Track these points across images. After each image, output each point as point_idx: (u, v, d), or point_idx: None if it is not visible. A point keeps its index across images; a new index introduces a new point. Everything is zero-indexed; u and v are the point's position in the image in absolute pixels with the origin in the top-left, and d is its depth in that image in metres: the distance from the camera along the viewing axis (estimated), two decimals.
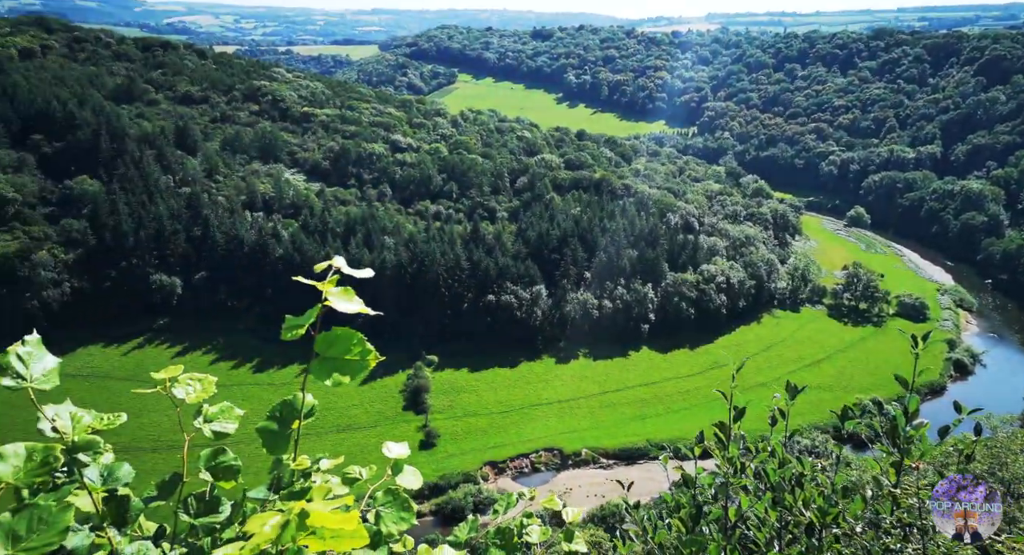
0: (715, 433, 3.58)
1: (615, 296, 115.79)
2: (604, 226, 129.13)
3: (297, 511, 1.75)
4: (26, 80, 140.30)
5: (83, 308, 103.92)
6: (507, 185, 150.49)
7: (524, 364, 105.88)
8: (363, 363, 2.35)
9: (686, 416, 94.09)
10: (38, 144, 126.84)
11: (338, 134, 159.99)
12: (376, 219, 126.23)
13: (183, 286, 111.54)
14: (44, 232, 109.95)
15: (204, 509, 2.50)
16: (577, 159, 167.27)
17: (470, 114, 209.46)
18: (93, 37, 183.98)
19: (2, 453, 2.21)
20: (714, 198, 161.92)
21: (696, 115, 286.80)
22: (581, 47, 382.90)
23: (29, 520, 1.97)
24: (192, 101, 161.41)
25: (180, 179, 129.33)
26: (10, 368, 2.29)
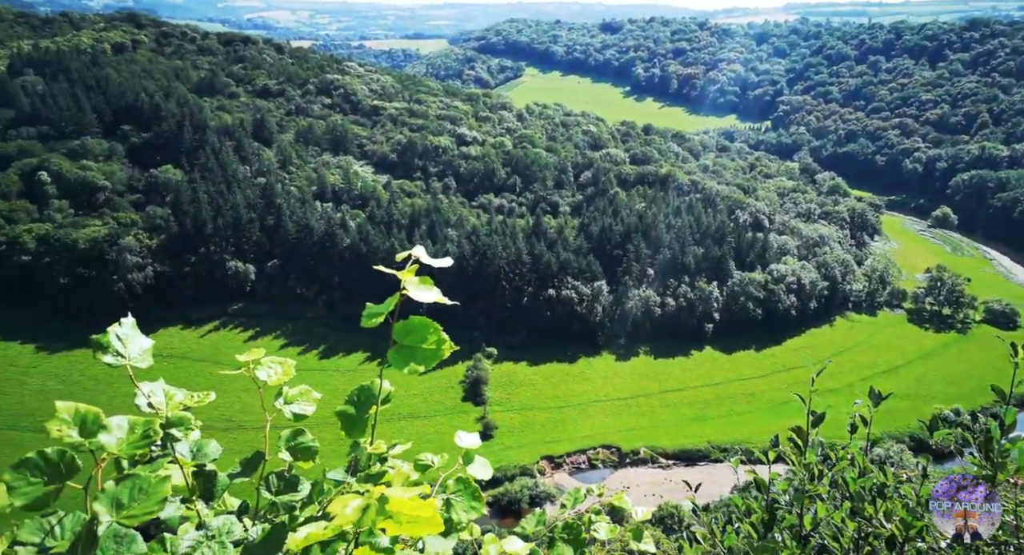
0: (791, 438, 3.45)
1: (678, 294, 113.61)
2: (669, 222, 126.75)
3: (377, 496, 1.81)
4: (117, 73, 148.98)
5: (164, 291, 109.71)
6: (571, 179, 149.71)
7: (583, 360, 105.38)
8: (438, 352, 2.38)
9: (749, 419, 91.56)
10: (127, 134, 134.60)
11: (406, 127, 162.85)
12: (440, 211, 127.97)
13: (256, 273, 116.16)
14: (131, 218, 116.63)
15: (284, 487, 2.59)
16: (643, 154, 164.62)
17: (536, 108, 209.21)
18: (179, 32, 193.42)
19: (107, 425, 2.29)
20: (786, 195, 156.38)
21: (770, 109, 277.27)
22: (651, 40, 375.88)
23: (131, 489, 2.10)
24: (269, 94, 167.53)
25: (256, 169, 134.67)
26: (110, 347, 2.41)
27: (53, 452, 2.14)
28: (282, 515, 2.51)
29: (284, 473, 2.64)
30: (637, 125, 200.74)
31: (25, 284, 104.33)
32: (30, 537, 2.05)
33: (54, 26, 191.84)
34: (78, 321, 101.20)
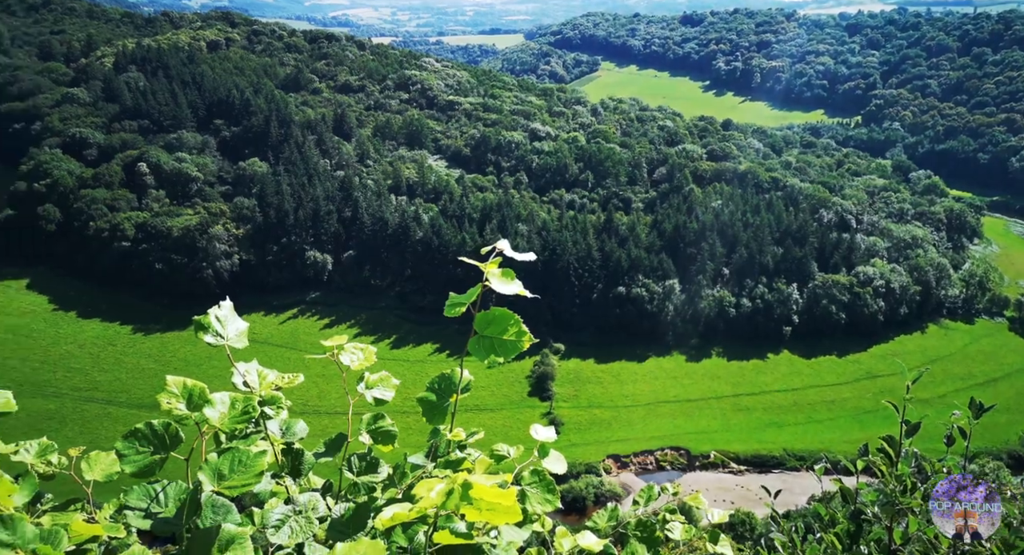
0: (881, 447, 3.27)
1: (755, 295, 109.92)
2: (747, 220, 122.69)
3: (461, 481, 1.85)
4: (211, 70, 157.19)
5: (248, 278, 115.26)
6: (644, 175, 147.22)
7: (652, 359, 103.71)
8: (518, 344, 2.40)
9: (830, 427, 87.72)
10: (219, 128, 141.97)
11: (480, 122, 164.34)
12: (511, 206, 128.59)
13: (333, 263, 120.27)
14: (220, 208, 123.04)
15: (365, 469, 2.68)
16: (721, 150, 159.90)
17: (611, 102, 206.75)
18: (269, 30, 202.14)
19: (211, 400, 2.43)
20: (877, 194, 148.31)
21: (861, 104, 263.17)
22: (734, 32, 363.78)
23: (231, 461, 2.26)
24: (350, 90, 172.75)
25: (336, 163, 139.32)
26: (211, 327, 2.56)
27: (159, 424, 2.30)
28: (362, 495, 2.60)
29: (365, 455, 2.74)
30: (716, 120, 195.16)
31: (124, 269, 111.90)
32: (138, 502, 2.23)
33: (156, 25, 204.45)
34: (171, 305, 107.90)
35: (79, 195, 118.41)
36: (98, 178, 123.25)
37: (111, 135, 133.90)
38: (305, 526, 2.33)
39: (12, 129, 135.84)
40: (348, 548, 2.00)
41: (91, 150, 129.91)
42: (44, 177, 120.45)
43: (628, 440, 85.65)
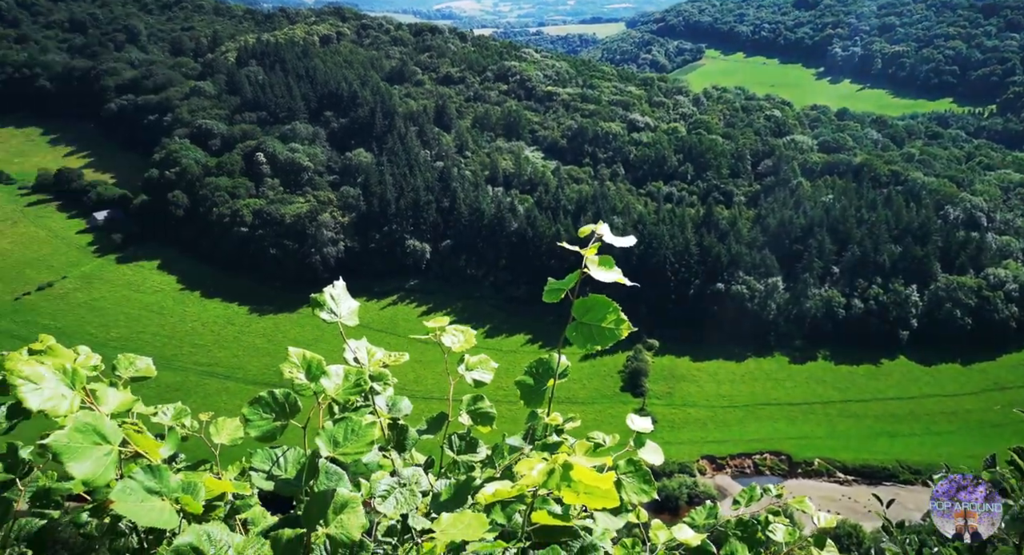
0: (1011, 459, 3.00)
1: (868, 296, 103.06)
2: (861, 216, 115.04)
3: (562, 462, 1.89)
4: (323, 63, 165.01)
5: (352, 265, 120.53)
6: (748, 168, 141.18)
7: (752, 359, 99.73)
8: (616, 332, 2.39)
9: (950, 440, 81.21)
10: (328, 120, 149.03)
11: (577, 113, 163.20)
12: (607, 198, 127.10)
13: (431, 252, 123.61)
14: (328, 197, 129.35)
15: (465, 448, 2.77)
16: (834, 141, 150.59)
17: (714, 92, 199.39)
18: (376, 24, 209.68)
19: (327, 371, 2.58)
20: (1012, 190, 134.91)
21: (996, 91, 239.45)
22: (853, 15, 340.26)
23: (345, 430, 2.38)
24: (451, 81, 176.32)
25: (436, 154, 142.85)
26: (326, 305, 2.72)
27: (280, 393, 2.45)
28: (461, 473, 2.70)
29: (464, 435, 2.83)
30: (830, 109, 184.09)
31: (243, 252, 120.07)
32: (261, 465, 2.39)
33: (274, 21, 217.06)
34: (283, 288, 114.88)
35: (204, 182, 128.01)
36: (221, 167, 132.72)
37: (233, 126, 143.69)
38: (409, 498, 2.44)
39: (147, 120, 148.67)
40: (453, 519, 2.10)
41: (215, 140, 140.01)
42: (174, 165, 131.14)
43: (724, 442, 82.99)
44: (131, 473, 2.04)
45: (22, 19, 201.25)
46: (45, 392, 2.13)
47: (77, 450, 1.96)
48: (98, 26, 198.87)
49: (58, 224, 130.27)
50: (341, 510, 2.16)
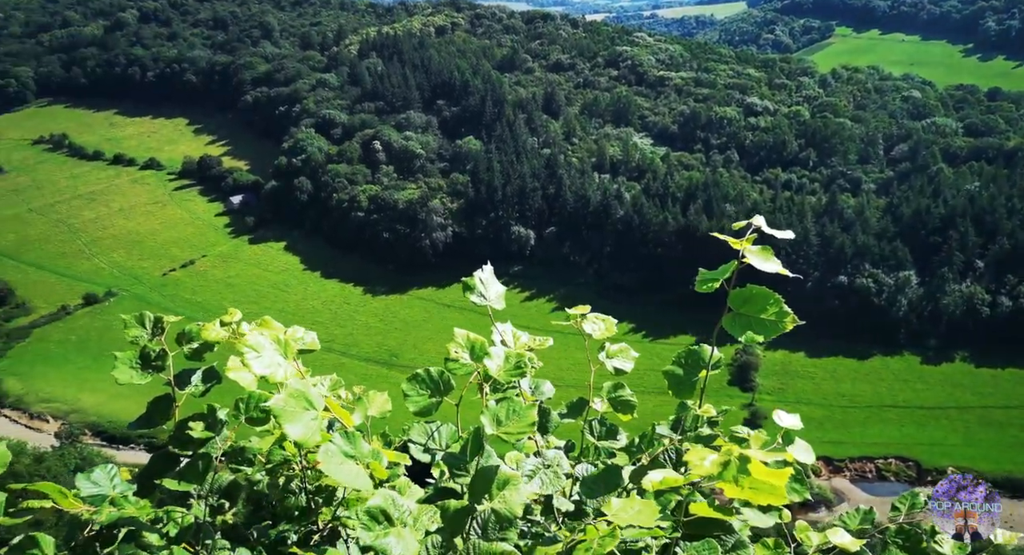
0: None
1: (1018, 293, 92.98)
2: (1012, 206, 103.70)
3: (738, 455, 1.87)
4: (437, 54, 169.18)
5: (459, 250, 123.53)
6: (879, 153, 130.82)
7: (877, 358, 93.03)
8: (779, 324, 2.32)
9: None
10: (440, 108, 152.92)
11: (690, 97, 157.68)
12: (719, 185, 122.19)
13: (535, 238, 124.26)
14: (438, 183, 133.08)
15: (605, 434, 2.80)
16: (983, 123, 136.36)
17: (843, 72, 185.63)
18: (489, 13, 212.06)
19: (491, 353, 2.69)
20: None
21: None
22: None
23: (507, 410, 2.46)
24: (561, 68, 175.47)
25: (543, 141, 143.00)
26: (475, 288, 2.83)
27: (435, 371, 2.59)
28: (601, 458, 2.73)
29: (604, 421, 2.85)
30: (979, 89, 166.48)
31: (359, 236, 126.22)
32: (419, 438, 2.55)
33: (394, 14, 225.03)
34: (394, 270, 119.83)
35: (326, 169, 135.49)
36: (341, 154, 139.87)
37: (353, 116, 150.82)
38: (554, 479, 2.50)
39: (278, 111, 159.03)
40: (624, 504, 2.11)
41: (337, 129, 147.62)
42: (300, 153, 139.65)
43: (843, 443, 78.23)
44: (333, 437, 2.23)
45: (173, 18, 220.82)
46: (265, 359, 2.37)
47: (292, 414, 2.16)
48: (237, 23, 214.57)
49: (199, 207, 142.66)
50: (504, 486, 2.25)
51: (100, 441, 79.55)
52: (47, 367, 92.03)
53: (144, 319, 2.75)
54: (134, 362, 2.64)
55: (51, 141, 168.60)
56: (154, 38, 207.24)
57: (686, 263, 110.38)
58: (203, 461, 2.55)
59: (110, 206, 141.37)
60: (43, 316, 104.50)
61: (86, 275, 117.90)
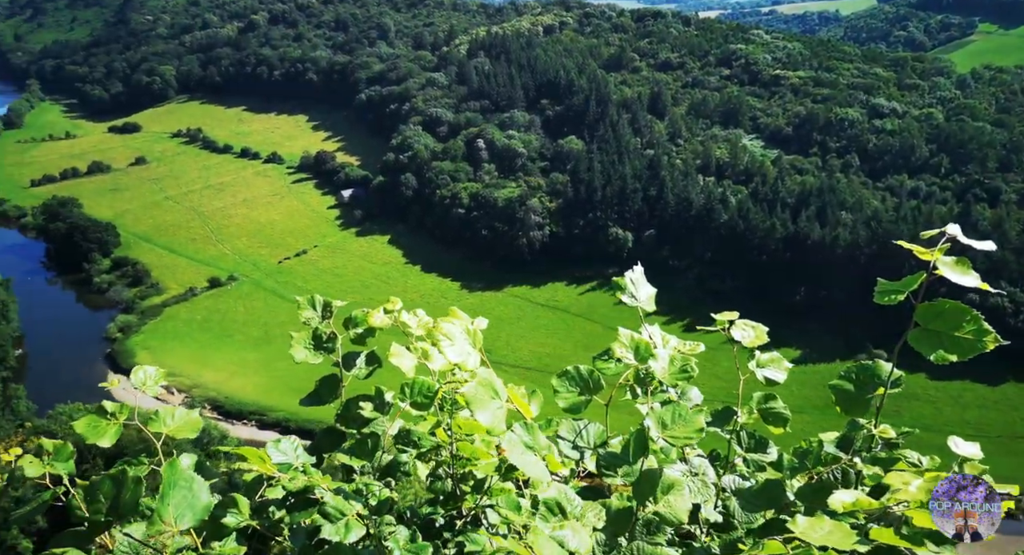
0: None
1: None
2: None
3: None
4: (544, 53, 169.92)
5: (556, 249, 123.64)
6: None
7: (1011, 384, 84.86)
8: (977, 343, 2.19)
9: None
10: (544, 108, 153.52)
11: (808, 98, 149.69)
12: (835, 191, 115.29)
13: (634, 241, 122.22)
14: (538, 182, 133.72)
15: (755, 446, 2.71)
16: None
17: (985, 72, 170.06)
18: (599, 11, 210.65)
19: (657, 355, 2.69)
20: None
21: None
22: None
23: (673, 413, 2.47)
24: (669, 67, 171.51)
25: (646, 141, 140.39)
26: (626, 288, 2.81)
27: (585, 370, 2.59)
28: (750, 470, 2.65)
29: (754, 433, 2.76)
30: None
31: (459, 232, 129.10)
32: (567, 435, 2.56)
33: (504, 14, 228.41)
34: (491, 267, 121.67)
35: (430, 166, 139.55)
36: (446, 152, 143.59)
37: (459, 114, 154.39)
38: (702, 489, 2.45)
39: (389, 109, 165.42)
40: (811, 523, 1.98)
41: (443, 127, 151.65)
42: (407, 150, 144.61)
43: None
44: (512, 428, 2.33)
45: (299, 20, 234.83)
46: (457, 348, 2.51)
47: (481, 401, 2.28)
48: (357, 24, 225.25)
49: (314, 200, 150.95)
50: (668, 491, 2.23)
51: (217, 415, 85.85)
52: (175, 343, 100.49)
53: (315, 302, 2.94)
54: (308, 342, 2.83)
55: (187, 134, 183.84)
56: (281, 39, 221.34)
57: (793, 272, 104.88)
58: (372, 440, 2.69)
59: (235, 196, 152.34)
60: (173, 296, 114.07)
61: (212, 260, 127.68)
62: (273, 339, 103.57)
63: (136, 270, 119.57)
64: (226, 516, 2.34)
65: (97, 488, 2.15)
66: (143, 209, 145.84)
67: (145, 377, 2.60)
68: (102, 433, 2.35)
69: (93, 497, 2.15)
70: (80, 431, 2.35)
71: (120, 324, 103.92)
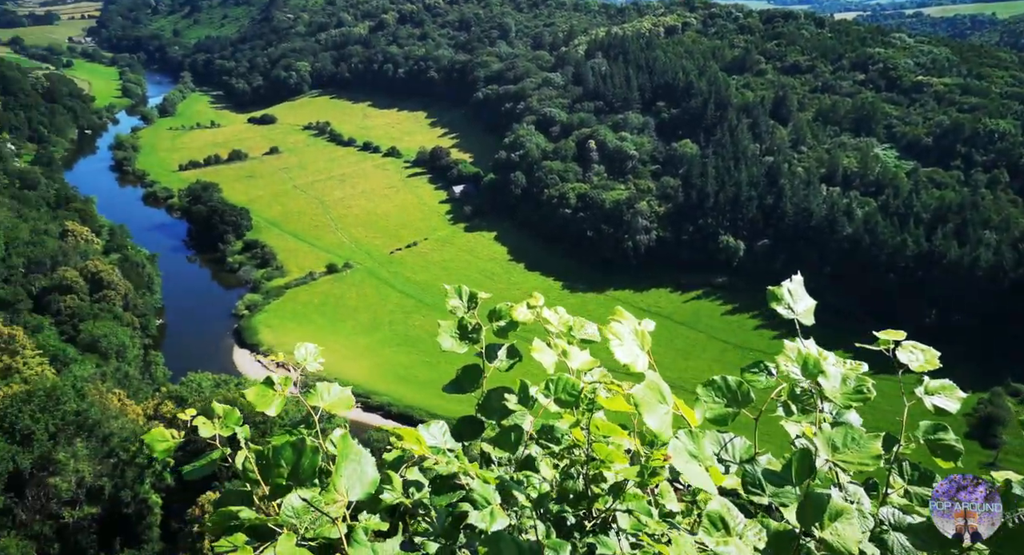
0: None
1: None
2: None
3: None
4: (663, 54, 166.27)
5: (662, 254, 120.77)
6: None
7: None
8: None
9: None
10: (659, 110, 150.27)
11: (953, 107, 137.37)
12: (978, 208, 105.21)
13: (745, 250, 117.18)
14: (647, 186, 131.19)
15: (919, 479, 2.49)
16: None
17: None
18: (725, 12, 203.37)
19: (825, 371, 2.54)
20: None
21: None
22: None
23: (844, 436, 2.32)
24: (797, 71, 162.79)
25: (766, 148, 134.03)
26: (783, 300, 2.66)
27: (733, 381, 2.47)
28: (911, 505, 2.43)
29: (917, 465, 2.54)
30: None
31: (564, 232, 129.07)
32: (712, 446, 2.45)
33: (625, 14, 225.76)
34: (593, 269, 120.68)
35: (540, 165, 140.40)
36: (556, 152, 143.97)
37: (572, 114, 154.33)
38: (862, 519, 2.27)
39: (504, 108, 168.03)
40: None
41: (555, 127, 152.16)
42: (519, 149, 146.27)
43: None
44: (676, 435, 2.26)
45: (425, 20, 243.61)
46: (626, 348, 2.47)
47: (650, 405, 2.22)
48: (479, 24, 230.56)
49: (427, 194, 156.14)
50: (836, 518, 2.10)
51: None
52: (293, 324, 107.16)
53: (461, 291, 3.01)
54: (453, 331, 2.90)
55: (316, 127, 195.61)
56: (407, 37, 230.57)
57: (924, 293, 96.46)
58: (515, 432, 2.70)
59: (355, 187, 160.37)
60: (295, 279, 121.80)
61: (330, 247, 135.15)
62: (381, 326, 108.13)
63: (264, 253, 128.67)
64: (383, 492, 2.41)
65: (279, 453, 2.25)
66: (273, 196, 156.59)
67: (306, 353, 2.74)
68: (269, 402, 2.51)
69: (273, 462, 2.25)
70: (250, 400, 2.53)
71: (247, 302, 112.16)
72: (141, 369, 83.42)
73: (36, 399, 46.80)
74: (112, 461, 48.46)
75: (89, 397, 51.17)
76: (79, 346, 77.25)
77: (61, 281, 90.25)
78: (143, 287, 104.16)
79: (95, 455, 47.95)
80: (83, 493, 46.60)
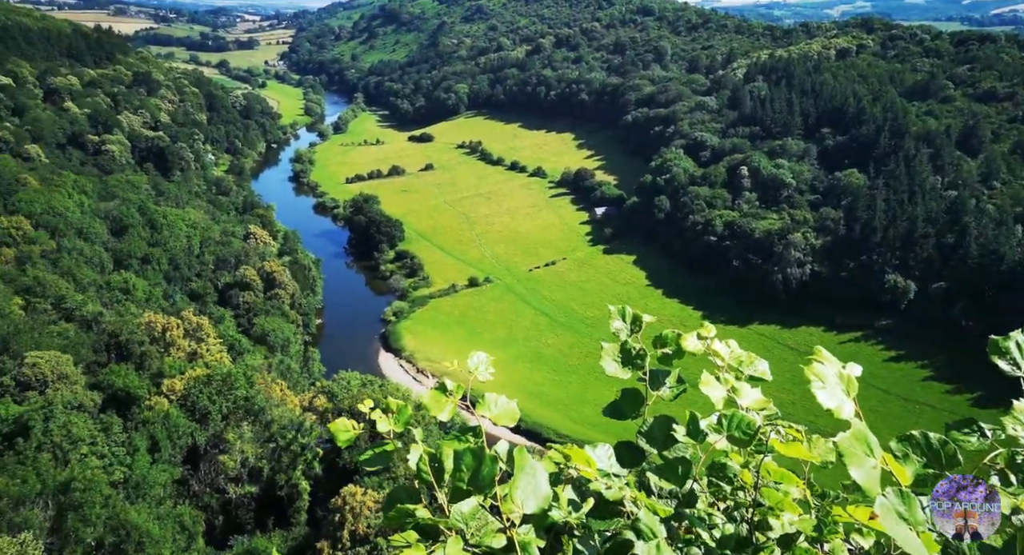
0: None
1: None
2: None
3: None
4: (833, 78, 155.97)
5: (816, 290, 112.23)
6: None
7: None
8: None
9: None
10: (823, 137, 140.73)
11: None
12: None
13: (916, 292, 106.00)
14: (804, 216, 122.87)
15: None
16: None
17: None
18: (908, 34, 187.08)
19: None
20: None
21: None
22: None
23: None
24: (993, 98, 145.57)
25: (949, 181, 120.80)
26: (1009, 353, 2.37)
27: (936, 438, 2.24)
28: None
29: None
30: None
31: (706, 260, 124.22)
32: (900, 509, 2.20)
33: (792, 36, 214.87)
34: (736, 300, 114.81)
35: (687, 190, 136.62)
36: (705, 177, 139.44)
37: (724, 139, 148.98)
38: None
39: (653, 131, 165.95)
40: None
41: (705, 152, 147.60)
42: (665, 173, 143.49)
43: None
44: (884, 493, 2.10)
45: (580, 44, 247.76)
46: (829, 392, 2.32)
47: (855, 457, 2.09)
48: (634, 47, 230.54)
49: (568, 214, 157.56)
50: None
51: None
52: (435, 332, 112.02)
53: (624, 313, 2.99)
54: (617, 355, 2.88)
55: (469, 146, 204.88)
56: (562, 61, 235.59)
57: None
58: (683, 466, 2.61)
59: (500, 205, 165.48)
60: (438, 290, 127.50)
61: (473, 261, 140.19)
62: (515, 341, 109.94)
63: (413, 263, 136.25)
64: (552, 509, 2.42)
65: (461, 459, 2.34)
66: (425, 210, 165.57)
67: (478, 362, 2.85)
68: (443, 407, 2.64)
69: (453, 467, 2.33)
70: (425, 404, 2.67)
71: (395, 309, 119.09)
72: (301, 363, 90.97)
73: (214, 383, 52.68)
74: (272, 446, 53.22)
75: (257, 385, 56.71)
76: (252, 338, 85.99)
77: (242, 278, 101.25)
78: (307, 288, 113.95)
79: (258, 439, 52.95)
80: (246, 472, 51.59)
